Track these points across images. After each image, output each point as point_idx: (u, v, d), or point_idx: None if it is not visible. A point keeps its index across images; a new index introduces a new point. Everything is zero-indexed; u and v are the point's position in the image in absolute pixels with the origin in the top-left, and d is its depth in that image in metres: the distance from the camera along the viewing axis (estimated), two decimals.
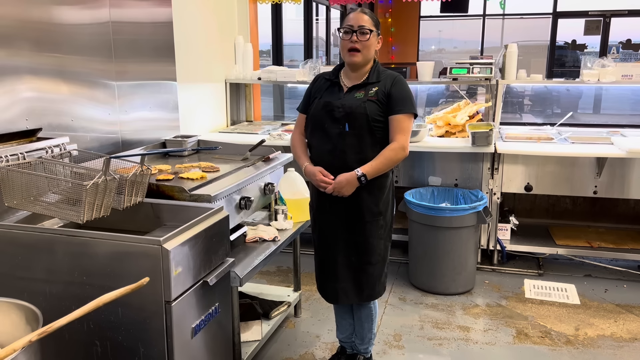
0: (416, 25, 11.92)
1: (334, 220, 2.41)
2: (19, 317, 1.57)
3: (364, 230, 2.37)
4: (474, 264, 3.58)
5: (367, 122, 2.25)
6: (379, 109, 2.27)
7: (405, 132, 2.27)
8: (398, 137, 2.26)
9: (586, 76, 3.98)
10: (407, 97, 2.29)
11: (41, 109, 2.29)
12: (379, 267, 2.44)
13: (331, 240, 2.43)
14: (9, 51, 2.13)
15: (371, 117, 2.25)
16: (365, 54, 2.28)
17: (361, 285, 2.44)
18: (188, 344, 1.94)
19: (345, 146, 2.28)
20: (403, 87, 2.30)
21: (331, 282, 2.48)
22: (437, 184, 3.88)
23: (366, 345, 2.63)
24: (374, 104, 2.26)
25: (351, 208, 2.35)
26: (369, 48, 2.27)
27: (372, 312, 2.55)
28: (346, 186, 2.26)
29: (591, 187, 3.65)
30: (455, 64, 4.11)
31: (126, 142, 2.85)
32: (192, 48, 3.80)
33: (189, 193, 2.27)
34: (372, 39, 2.28)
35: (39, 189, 1.98)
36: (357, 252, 2.40)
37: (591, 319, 3.18)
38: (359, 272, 2.42)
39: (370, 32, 2.26)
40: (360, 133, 2.27)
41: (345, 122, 2.27)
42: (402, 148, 2.26)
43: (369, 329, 2.59)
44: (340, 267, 2.43)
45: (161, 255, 1.76)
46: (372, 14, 2.33)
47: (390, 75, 2.32)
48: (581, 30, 10.81)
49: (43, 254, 1.89)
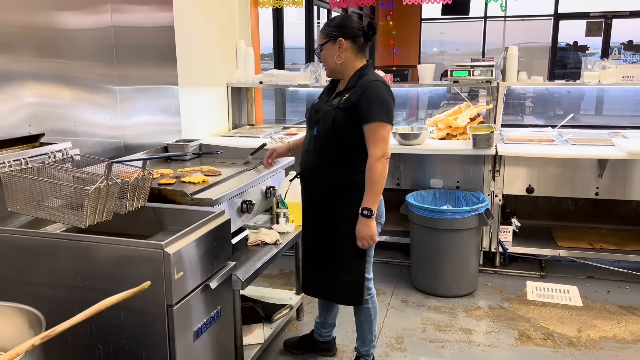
0: (417, 28, 11.94)
1: (307, 215, 2.53)
2: (22, 321, 1.58)
3: (326, 233, 2.44)
4: (476, 266, 3.58)
5: (332, 129, 2.29)
6: (346, 116, 2.27)
7: (375, 142, 2.24)
8: (370, 150, 2.26)
9: (587, 78, 3.98)
10: (375, 106, 2.22)
11: (44, 114, 2.30)
12: (342, 273, 2.44)
13: (305, 232, 2.57)
14: (11, 57, 2.14)
15: (337, 124, 2.28)
16: (328, 67, 2.38)
17: (325, 284, 2.53)
18: (190, 347, 1.94)
19: (313, 149, 2.39)
20: (371, 96, 2.23)
21: (304, 271, 2.63)
22: (439, 186, 3.88)
23: (367, 347, 2.64)
24: (341, 112, 2.28)
25: (318, 209, 2.46)
26: (326, 61, 2.36)
27: (370, 313, 2.56)
28: (363, 229, 2.30)
29: (593, 188, 3.65)
30: (456, 66, 4.11)
31: (128, 146, 2.86)
32: (194, 52, 3.81)
33: (191, 197, 2.28)
34: (326, 52, 2.34)
35: (41, 194, 1.99)
36: (321, 252, 2.50)
37: (594, 321, 3.18)
38: (321, 270, 2.52)
39: (322, 47, 2.33)
40: (324, 138, 2.34)
41: (316, 126, 2.37)
42: (375, 160, 2.24)
43: (368, 330, 2.60)
44: (311, 260, 2.56)
45: (163, 259, 1.77)
46: (327, 24, 2.36)
47: (363, 84, 2.27)
48: (583, 31, 10.82)
49: (46, 259, 1.90)
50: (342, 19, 2.36)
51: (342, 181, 2.34)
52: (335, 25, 2.32)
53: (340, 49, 2.31)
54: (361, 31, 2.32)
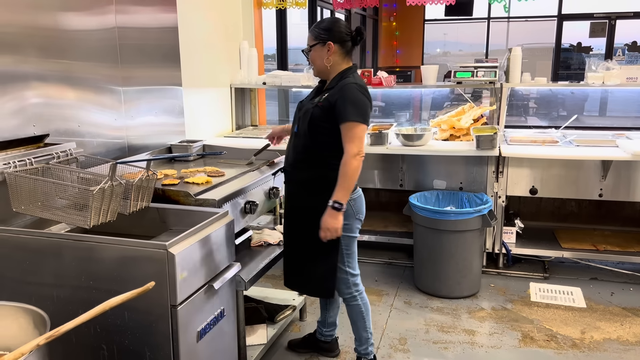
0: (421, 29, 11.95)
1: (286, 208, 2.59)
2: (26, 321, 1.59)
3: (301, 226, 2.48)
4: (479, 267, 3.57)
5: (309, 126, 2.37)
6: (323, 115, 2.34)
7: (350, 140, 2.29)
8: (345, 147, 2.31)
9: (591, 79, 3.97)
10: (350, 106, 2.29)
11: (48, 115, 2.31)
12: (314, 265, 2.49)
13: (285, 225, 2.61)
14: (16, 58, 2.15)
15: (314, 122, 2.36)
16: (316, 68, 2.45)
17: (301, 277, 2.58)
18: (194, 347, 1.95)
19: (294, 145, 2.48)
20: (346, 96, 2.30)
21: (285, 264, 2.65)
22: (442, 187, 3.88)
23: (365, 345, 2.66)
24: (319, 110, 2.35)
25: (295, 203, 2.51)
26: (314, 62, 2.44)
27: (361, 309, 2.58)
28: (329, 220, 2.31)
29: (597, 190, 3.64)
30: (460, 67, 4.11)
31: (132, 147, 2.87)
32: (198, 53, 3.82)
33: (195, 198, 2.29)
34: (314, 53, 2.41)
35: (46, 194, 2.00)
36: (297, 244, 2.54)
37: (597, 323, 3.17)
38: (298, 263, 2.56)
39: (312, 48, 2.39)
40: (302, 135, 2.41)
41: (297, 123, 2.47)
42: (351, 156, 2.28)
43: (362, 328, 2.62)
44: (289, 252, 2.61)
45: (167, 259, 1.77)
46: (316, 25, 2.42)
47: (340, 85, 2.34)
48: (586, 32, 10.79)
49: (50, 259, 1.91)
50: (331, 22, 2.42)
51: (318, 177, 2.40)
52: (324, 28, 2.38)
53: (329, 52, 2.38)
54: (349, 36, 2.40)
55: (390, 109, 7.16)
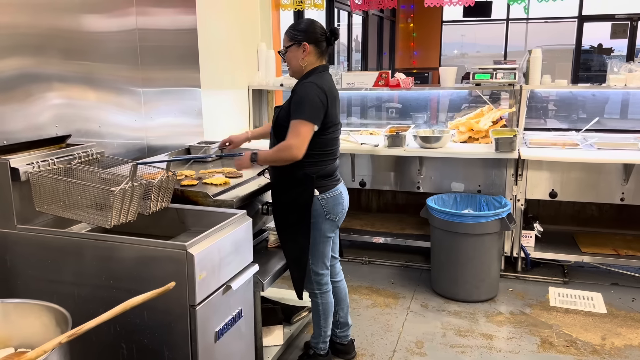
0: (438, 30, 11.88)
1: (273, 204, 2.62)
2: (49, 319, 1.61)
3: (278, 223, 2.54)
4: (497, 271, 3.54)
5: (274, 126, 2.48)
6: (285, 115, 2.39)
7: (293, 134, 2.31)
8: (287, 137, 2.34)
9: (613, 81, 3.91)
10: (301, 104, 2.33)
11: (70, 116, 2.34)
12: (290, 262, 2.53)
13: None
14: (40, 59, 2.19)
15: (279, 122, 2.43)
16: (291, 68, 2.50)
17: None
18: (212, 347, 1.96)
19: (270, 145, 2.55)
20: (300, 95, 2.35)
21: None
22: (460, 190, 3.85)
23: (316, 340, 2.71)
24: (283, 111, 2.43)
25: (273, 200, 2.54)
26: (290, 63, 2.48)
27: (318, 307, 2.64)
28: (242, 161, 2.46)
29: (618, 193, 3.58)
30: (479, 69, 4.08)
31: (151, 148, 2.90)
32: (216, 55, 3.84)
33: (213, 198, 2.30)
34: (290, 54, 2.46)
35: (68, 194, 2.03)
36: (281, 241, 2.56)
37: (618, 329, 3.12)
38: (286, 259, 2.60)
39: (287, 49, 2.45)
40: (273, 135, 2.51)
41: (273, 124, 2.53)
42: (287, 146, 2.31)
43: (317, 324, 2.67)
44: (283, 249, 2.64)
45: (186, 260, 1.78)
46: (292, 27, 2.46)
47: (300, 84, 2.41)
48: (607, 34, 10.64)
49: (72, 258, 1.94)
50: (307, 23, 2.45)
51: (287, 175, 2.44)
52: (300, 30, 2.43)
53: (304, 53, 2.42)
54: (324, 36, 2.45)
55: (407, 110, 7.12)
